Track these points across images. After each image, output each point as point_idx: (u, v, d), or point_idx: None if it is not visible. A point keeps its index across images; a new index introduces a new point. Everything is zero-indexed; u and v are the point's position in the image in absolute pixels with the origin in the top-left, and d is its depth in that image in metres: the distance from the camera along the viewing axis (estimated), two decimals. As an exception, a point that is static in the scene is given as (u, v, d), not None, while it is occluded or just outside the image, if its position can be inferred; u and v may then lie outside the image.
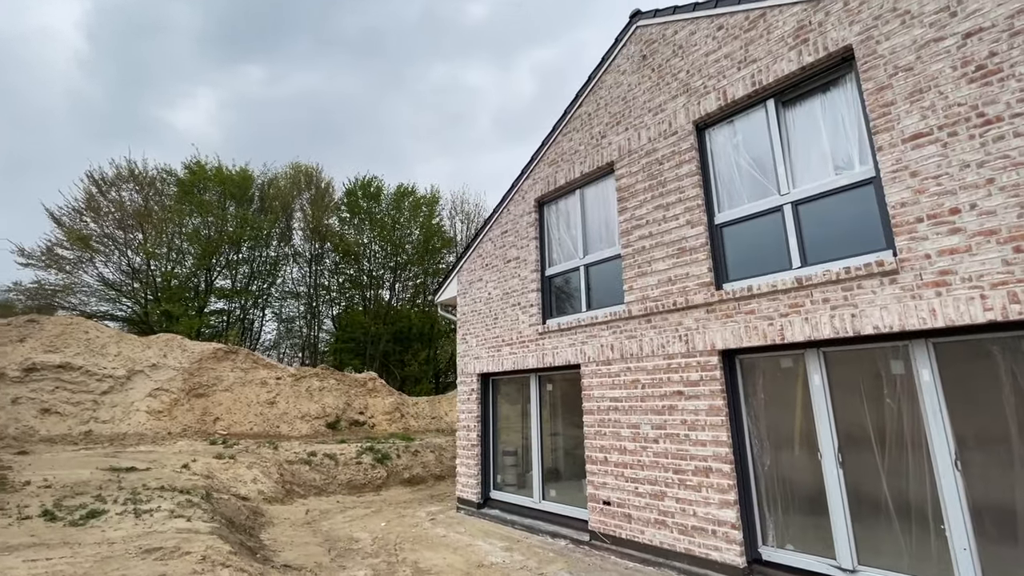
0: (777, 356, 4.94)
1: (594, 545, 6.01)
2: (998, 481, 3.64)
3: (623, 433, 5.89)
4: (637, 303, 5.99)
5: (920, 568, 3.88)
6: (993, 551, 3.60)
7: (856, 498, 4.27)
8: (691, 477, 5.15)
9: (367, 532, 7.27)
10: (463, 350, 8.89)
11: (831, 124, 4.81)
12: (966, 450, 3.78)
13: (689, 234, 5.58)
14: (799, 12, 4.96)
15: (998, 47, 3.73)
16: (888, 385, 4.22)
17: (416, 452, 12.32)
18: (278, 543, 6.65)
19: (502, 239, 8.42)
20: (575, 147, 7.30)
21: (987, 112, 3.73)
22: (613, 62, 6.94)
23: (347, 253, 24.41)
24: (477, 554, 6.16)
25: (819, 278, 4.44)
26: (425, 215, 25.56)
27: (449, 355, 23.51)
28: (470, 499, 8.10)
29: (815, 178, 4.82)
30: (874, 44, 4.39)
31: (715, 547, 4.85)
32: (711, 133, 5.76)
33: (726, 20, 5.61)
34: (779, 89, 5.14)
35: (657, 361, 5.67)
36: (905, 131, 4.12)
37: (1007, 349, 3.69)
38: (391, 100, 72.96)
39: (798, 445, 4.71)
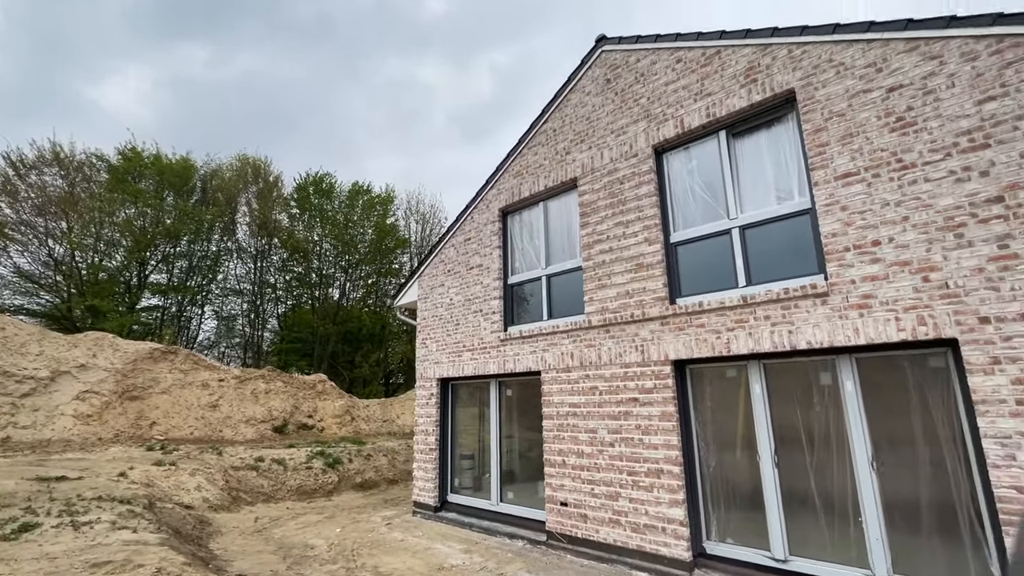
0: (723, 366, 5.39)
1: (551, 545, 6.27)
2: (906, 479, 4.20)
3: (581, 437, 6.20)
4: (597, 314, 6.32)
5: (841, 556, 4.39)
6: (900, 540, 4.15)
7: (788, 495, 4.76)
8: (644, 478, 5.51)
9: (322, 539, 7.19)
10: (423, 355, 8.94)
11: (775, 157, 5.32)
12: (880, 452, 4.32)
13: (647, 251, 5.97)
14: (750, 54, 5.46)
15: (914, 103, 4.32)
16: (817, 394, 4.74)
17: (368, 456, 12.18)
18: (230, 552, 6.47)
19: (465, 246, 8.56)
20: (540, 161, 7.58)
21: (904, 158, 4.30)
22: (579, 83, 7.27)
23: (296, 250, 23.62)
24: (437, 557, 6.27)
25: (762, 297, 4.92)
26: (379, 214, 25.17)
27: (401, 357, 23.26)
28: (427, 503, 8.17)
29: (760, 205, 5.32)
30: (813, 90, 4.92)
31: (664, 543, 5.23)
32: (668, 157, 6.18)
33: (684, 54, 6.05)
34: (730, 122, 5.62)
35: (615, 369, 6.02)
36: (837, 169, 4.65)
37: (915, 364, 4.26)
38: (344, 92, 70.94)
39: (739, 448, 5.17)
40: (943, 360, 4.13)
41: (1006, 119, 3.87)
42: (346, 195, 24.58)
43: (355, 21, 76.67)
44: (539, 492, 7.03)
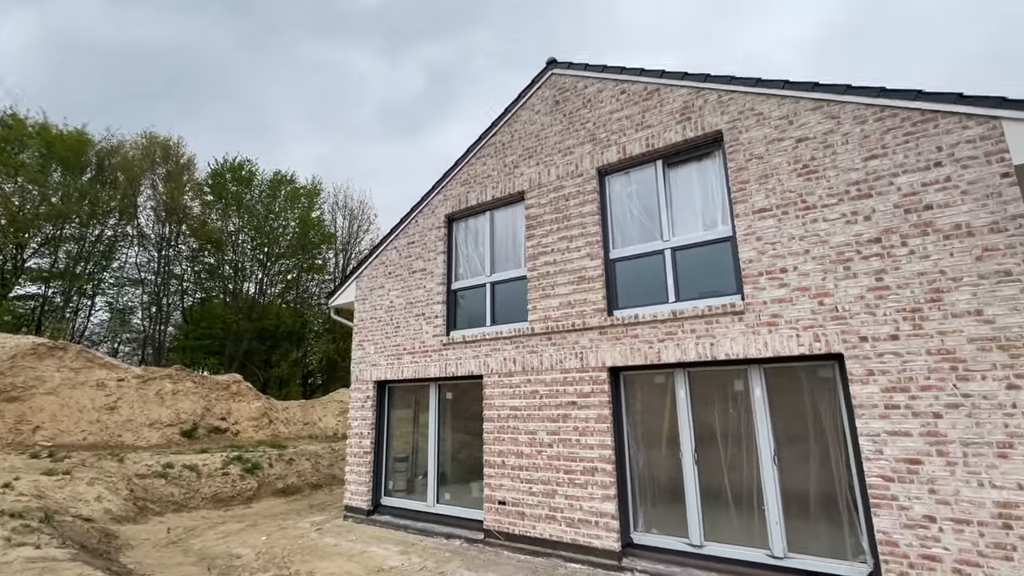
0: (653, 373, 5.97)
1: (488, 543, 6.53)
2: (799, 472, 4.96)
3: (521, 439, 6.52)
4: (540, 322, 6.69)
5: (747, 540, 5.07)
6: (794, 523, 4.88)
7: (705, 488, 5.39)
8: (579, 476, 5.95)
9: (248, 547, 6.91)
10: (359, 357, 8.83)
11: (703, 188, 6.00)
12: (780, 448, 5.06)
13: (588, 265, 6.44)
14: (686, 94, 6.11)
15: (816, 154, 5.12)
16: (732, 399, 5.42)
17: (291, 460, 11.71)
18: (146, 566, 6.05)
19: (408, 249, 8.59)
20: (488, 171, 7.83)
21: (808, 200, 5.08)
22: (528, 100, 7.63)
23: (208, 240, 21.87)
24: (374, 559, 6.29)
25: (689, 312, 5.53)
26: (304, 207, 23.99)
27: (322, 357, 22.35)
28: (360, 506, 8.09)
29: (689, 230, 5.96)
30: (737, 133, 5.64)
31: (597, 535, 5.69)
32: (610, 179, 6.71)
33: (628, 87, 6.61)
34: (667, 153, 6.24)
35: (555, 375, 6.41)
36: (754, 205, 5.37)
37: (810, 374, 5.05)
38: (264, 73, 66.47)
39: (665, 447, 5.75)
40: (831, 371, 4.93)
41: (884, 175, 4.74)
42: (268, 184, 23.17)
43: (283, 0, 72.26)
44: (475, 492, 7.26)
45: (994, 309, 4.12)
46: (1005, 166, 4.25)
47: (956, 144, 4.46)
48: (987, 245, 4.22)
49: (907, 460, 4.26)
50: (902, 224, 4.60)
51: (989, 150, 4.32)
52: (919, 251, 4.48)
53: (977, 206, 4.31)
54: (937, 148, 4.54)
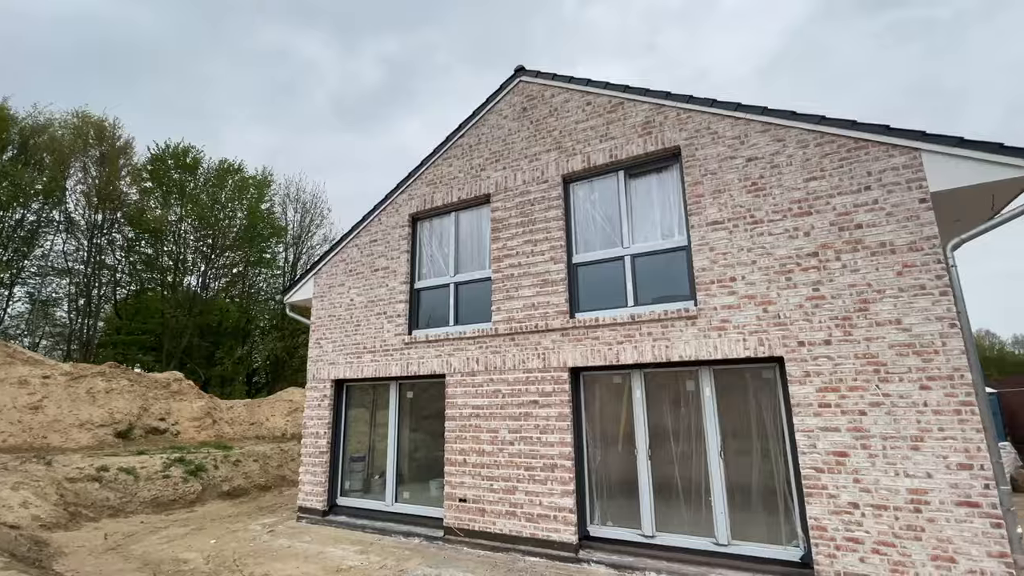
0: (611, 374, 6.26)
1: (448, 540, 6.62)
2: (743, 465, 5.37)
3: (483, 437, 6.65)
4: (503, 323, 6.84)
5: (695, 529, 5.44)
6: (737, 513, 5.29)
7: (658, 482, 5.73)
8: (540, 473, 6.15)
9: (195, 552, 6.67)
10: (317, 355, 8.67)
11: (662, 199, 6.35)
12: (726, 444, 5.46)
13: (552, 269, 6.66)
14: (648, 109, 6.44)
15: (764, 173, 5.56)
16: (684, 398, 5.79)
17: (237, 462, 11.28)
18: (84, 574, 5.72)
19: (371, 247, 8.52)
20: (454, 173, 7.91)
21: (756, 215, 5.51)
22: (496, 105, 7.77)
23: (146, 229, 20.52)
24: (332, 560, 6.24)
25: (647, 316, 5.86)
26: (253, 198, 22.97)
27: (268, 355, 21.47)
28: (315, 507, 7.95)
29: (648, 239, 6.30)
30: (694, 149, 6.02)
31: (555, 529, 5.91)
32: (575, 187, 6.96)
33: (594, 99, 6.89)
34: (628, 165, 6.56)
35: (518, 374, 6.59)
36: (708, 217, 5.76)
37: (754, 375, 5.48)
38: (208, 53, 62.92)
39: (621, 443, 6.06)
40: (772, 373, 5.38)
41: (823, 195, 5.22)
42: (214, 173, 22.02)
43: (230, -23, 68.60)
44: (435, 491, 7.33)
45: (911, 319, 4.66)
46: (923, 192, 4.81)
47: (883, 171, 5.00)
48: (906, 262, 4.76)
49: (836, 453, 4.74)
50: (836, 240, 5.09)
51: (910, 177, 4.87)
52: (850, 265, 4.98)
53: (899, 227, 4.84)
54: (867, 173, 5.07)
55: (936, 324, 4.56)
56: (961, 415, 4.35)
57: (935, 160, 4.80)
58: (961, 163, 4.69)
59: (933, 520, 4.29)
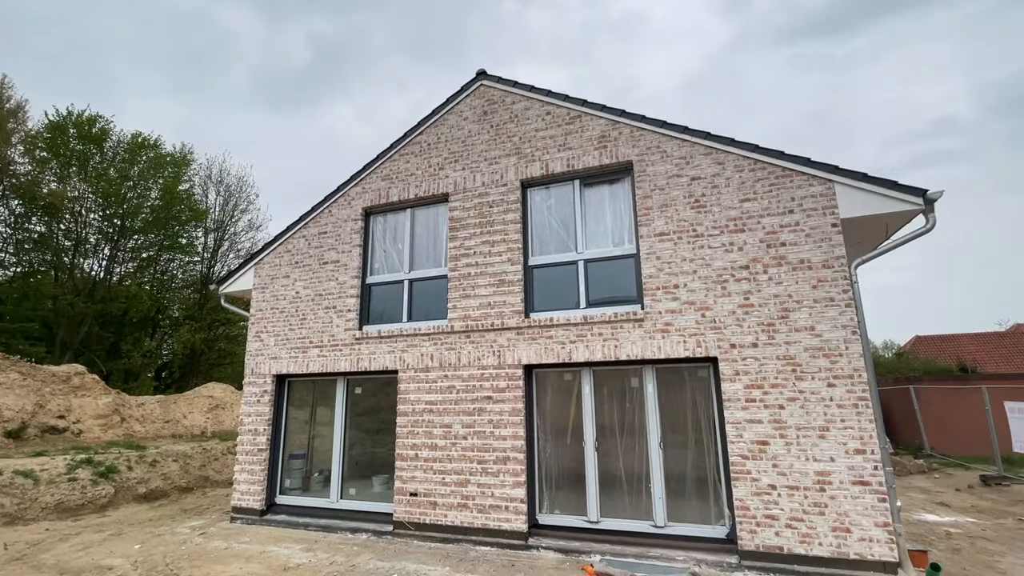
0: (562, 371, 6.64)
1: (397, 534, 6.68)
2: (679, 454, 5.95)
3: (436, 432, 6.78)
4: (459, 320, 7.01)
5: (635, 514, 5.94)
6: (673, 498, 5.86)
7: (603, 472, 6.18)
8: (492, 465, 6.39)
9: (120, 558, 6.23)
10: (256, 349, 8.32)
11: (613, 209, 6.82)
12: (665, 435, 6.01)
13: (509, 270, 6.92)
14: (603, 124, 6.88)
15: (706, 191, 6.17)
16: (628, 394, 6.29)
17: (154, 462, 10.48)
18: (-9, 587, 5.18)
19: (320, 239, 8.32)
20: (412, 170, 7.93)
21: (697, 229, 6.11)
22: (456, 106, 7.89)
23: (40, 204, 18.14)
24: (277, 559, 6.10)
25: (598, 318, 6.29)
26: (169, 177, 21.04)
27: (183, 347, 19.75)
28: (252, 507, 7.65)
29: (600, 245, 6.74)
30: (645, 165, 6.53)
31: (507, 519, 6.18)
32: (532, 192, 7.26)
33: (554, 109, 7.23)
34: (584, 175, 6.96)
35: (472, 371, 6.78)
36: (655, 229, 6.30)
37: (691, 373, 6.08)
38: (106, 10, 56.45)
39: (569, 436, 6.45)
40: (707, 371, 6.00)
41: (755, 215, 5.91)
42: (125, 147, 19.90)
43: (139, -71, 61.91)
44: (382, 487, 7.35)
45: (822, 326, 5.43)
46: (835, 218, 5.60)
47: (804, 197, 5.76)
48: (820, 277, 5.53)
49: (758, 442, 5.41)
50: (764, 255, 5.79)
51: (825, 204, 5.66)
52: (775, 278, 5.69)
53: (815, 247, 5.61)
54: (792, 198, 5.81)
55: (842, 331, 5.35)
56: (858, 408, 5.16)
57: (845, 191, 5.62)
58: (865, 195, 5.52)
59: (834, 497, 5.05)
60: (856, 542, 4.91)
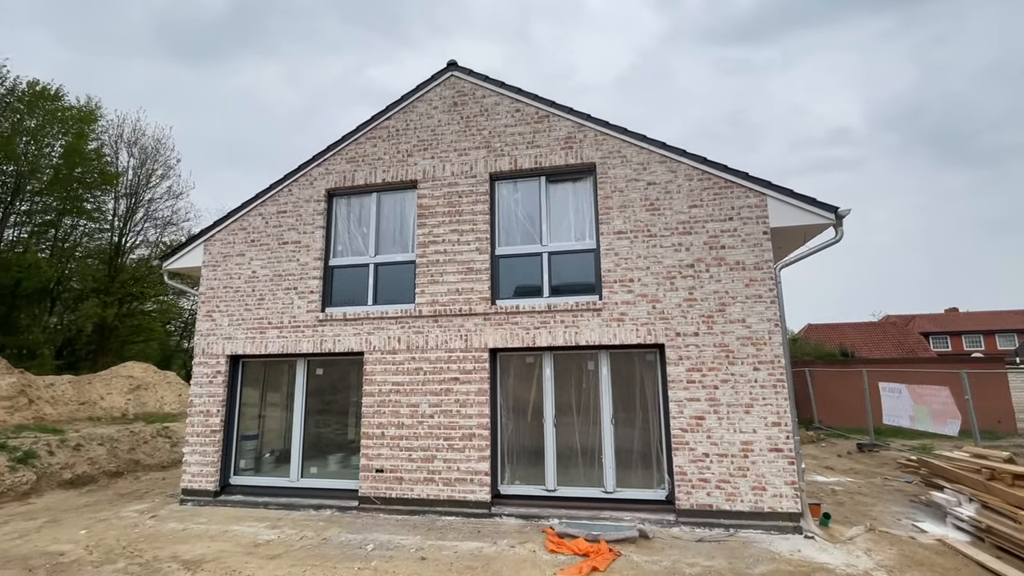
0: (525, 354, 7.17)
1: (363, 508, 6.96)
2: (628, 429, 6.73)
3: (402, 411, 7.09)
4: (427, 305, 7.29)
5: (588, 482, 6.66)
6: (622, 467, 6.64)
7: (560, 446, 6.83)
8: (458, 442, 6.84)
9: (68, 543, 6.02)
10: (208, 328, 8.07)
11: (576, 206, 7.37)
12: (617, 412, 6.76)
13: (477, 258, 7.29)
14: (570, 126, 7.37)
15: (660, 196, 6.88)
16: (586, 376, 6.96)
17: (78, 447, 9.82)
18: (-69, 578, 4.88)
19: (279, 219, 8.16)
20: (379, 154, 7.99)
21: (651, 230, 6.83)
22: (426, 95, 8.02)
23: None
24: (244, 536, 6.18)
25: (561, 306, 6.86)
26: (73, 133, 18.73)
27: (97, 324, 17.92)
28: (204, 488, 7.55)
29: (563, 239, 7.29)
30: (607, 168, 7.13)
31: (472, 491, 6.68)
32: (500, 185, 7.63)
33: (523, 107, 7.60)
34: (550, 172, 7.44)
35: (440, 353, 7.13)
36: (615, 227, 6.94)
37: (640, 358, 6.84)
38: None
39: (530, 414, 7.03)
40: (654, 356, 6.79)
41: (700, 220, 6.70)
42: (21, 96, 17.41)
43: None
44: (342, 465, 7.56)
45: (752, 319, 6.36)
46: (766, 226, 6.52)
47: (742, 207, 6.63)
48: (752, 277, 6.45)
49: (696, 417, 6.29)
50: (707, 256, 6.62)
51: (759, 214, 6.56)
52: (715, 276, 6.55)
53: (749, 250, 6.51)
54: (732, 207, 6.66)
55: (767, 323, 6.31)
56: (776, 388, 6.16)
57: (775, 204, 6.55)
58: (790, 208, 6.48)
59: (755, 462, 6.04)
60: (770, 498, 5.94)
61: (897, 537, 5.94)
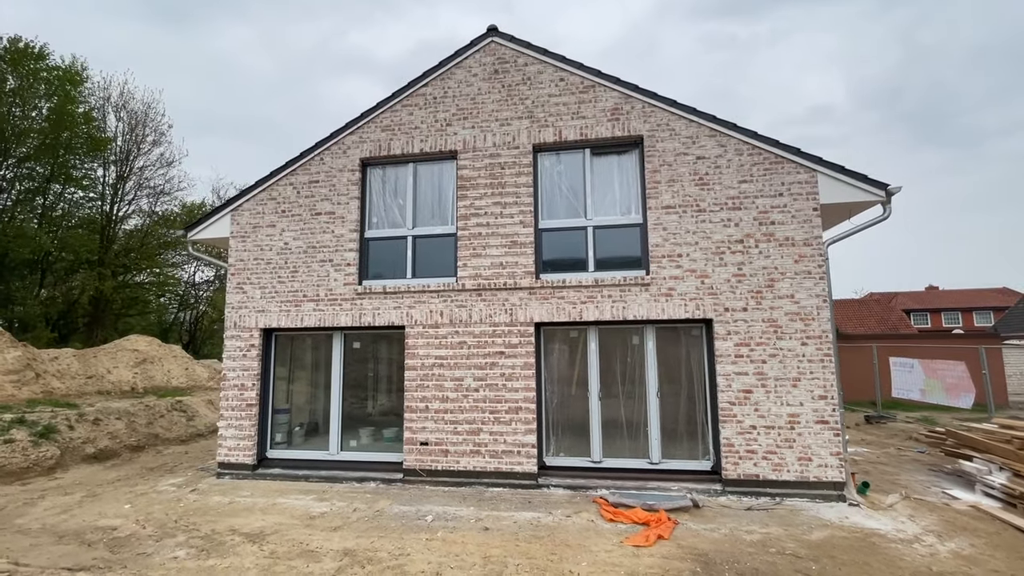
0: (568, 328, 7.17)
1: (408, 481, 6.99)
2: (673, 402, 6.83)
3: (446, 385, 7.07)
4: (470, 279, 7.21)
5: (634, 453, 6.78)
6: (667, 438, 6.76)
7: (606, 419, 6.92)
8: (504, 415, 6.87)
9: (117, 518, 5.95)
10: (239, 301, 7.88)
11: (620, 180, 7.28)
12: (662, 386, 6.84)
13: (521, 232, 7.19)
14: (617, 97, 7.22)
15: (709, 170, 6.82)
16: (630, 350, 7.00)
17: (97, 421, 9.64)
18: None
19: (311, 189, 7.91)
20: (416, 123, 7.74)
21: (700, 205, 6.79)
22: (465, 61, 7.74)
23: None
24: (296, 509, 6.18)
25: (608, 281, 6.84)
26: (59, 95, 17.70)
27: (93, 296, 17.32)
28: (242, 462, 7.49)
29: (607, 214, 7.22)
30: (655, 141, 7.02)
31: (519, 463, 6.75)
32: (542, 157, 7.49)
33: (568, 76, 7.40)
34: (595, 144, 7.31)
35: (484, 327, 7.09)
36: (663, 202, 6.89)
37: (686, 332, 6.90)
38: None
39: (574, 387, 7.08)
40: (700, 331, 6.85)
41: (750, 195, 6.69)
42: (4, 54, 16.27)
43: None
44: (385, 438, 7.56)
45: (800, 295, 6.43)
46: (815, 203, 6.54)
47: (792, 183, 6.62)
48: (801, 253, 6.50)
49: (744, 391, 6.40)
50: (756, 232, 6.63)
51: (809, 190, 6.57)
52: (765, 252, 6.58)
53: (799, 227, 6.54)
54: (782, 183, 6.65)
55: (815, 299, 6.39)
56: (824, 363, 6.29)
57: (825, 180, 6.55)
58: (841, 185, 6.50)
59: (801, 434, 6.20)
60: (815, 468, 6.12)
61: (932, 504, 6.20)
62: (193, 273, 23.71)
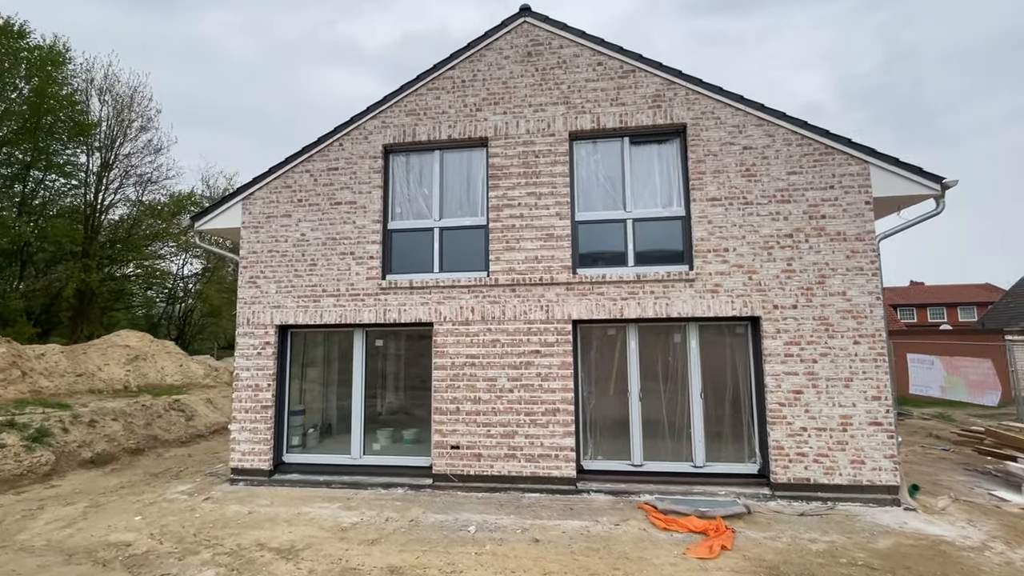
0: (607, 326, 6.84)
1: (438, 487, 6.61)
2: (717, 403, 6.55)
3: (479, 385, 6.69)
4: (503, 273, 6.82)
5: (676, 456, 6.49)
6: (711, 441, 6.48)
7: (646, 420, 6.61)
8: (541, 417, 6.52)
9: (129, 531, 5.47)
10: (253, 296, 7.38)
11: (661, 170, 6.94)
12: (706, 386, 6.56)
13: (557, 224, 6.82)
14: (658, 83, 6.86)
15: (756, 161, 6.52)
16: (672, 348, 6.70)
17: (92, 422, 9.05)
18: (-2, 577, 4.29)
19: (330, 176, 7.42)
20: (443, 107, 7.29)
21: (747, 197, 6.49)
22: (496, 43, 7.30)
23: None
24: (324, 520, 5.76)
25: (651, 276, 6.52)
26: (40, 77, 16.67)
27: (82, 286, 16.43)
28: (258, 467, 7.03)
29: (648, 206, 6.88)
30: (699, 130, 6.69)
31: (557, 467, 6.41)
32: (578, 145, 7.10)
33: (605, 60, 7.01)
34: (635, 132, 6.95)
35: (519, 324, 6.72)
36: (708, 194, 6.57)
37: (731, 330, 6.62)
38: None
39: (613, 387, 6.76)
40: (745, 329, 6.58)
41: (800, 187, 6.41)
42: None
43: None
44: (412, 440, 7.17)
45: (852, 292, 6.18)
46: (868, 196, 6.29)
47: (844, 175, 6.35)
48: (853, 248, 6.24)
49: (794, 391, 6.14)
50: (806, 226, 6.36)
51: (861, 183, 6.31)
52: (815, 247, 6.31)
53: (850, 221, 6.28)
54: (832, 175, 6.38)
55: (868, 297, 6.15)
56: (877, 363, 6.06)
57: (878, 172, 6.29)
58: (894, 178, 6.25)
59: (854, 436, 5.97)
60: (869, 471, 5.90)
61: (983, 507, 6.03)
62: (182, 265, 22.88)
